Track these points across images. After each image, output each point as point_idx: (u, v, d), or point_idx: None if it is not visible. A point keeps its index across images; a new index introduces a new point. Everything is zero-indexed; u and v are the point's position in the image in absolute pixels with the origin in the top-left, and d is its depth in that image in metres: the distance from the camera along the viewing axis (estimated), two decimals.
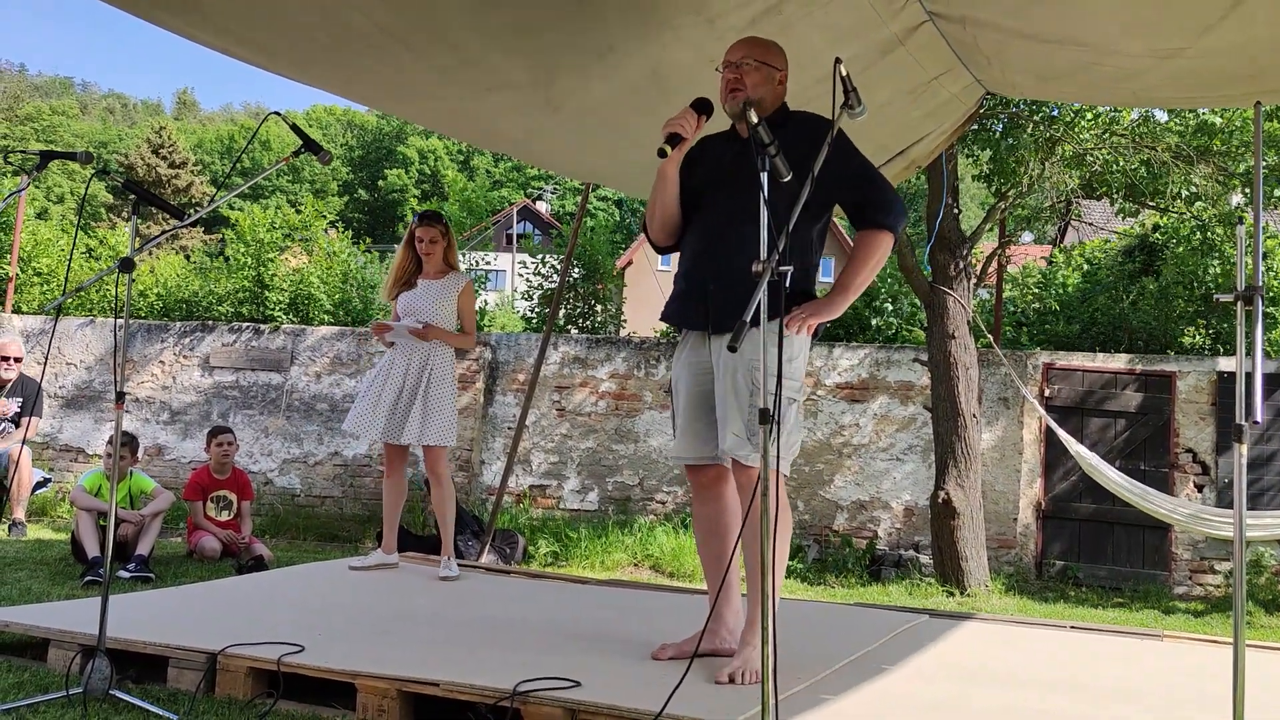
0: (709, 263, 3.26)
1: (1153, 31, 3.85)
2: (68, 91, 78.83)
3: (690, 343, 3.41)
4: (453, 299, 5.27)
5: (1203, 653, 4.17)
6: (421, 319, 5.16)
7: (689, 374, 3.38)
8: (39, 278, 10.82)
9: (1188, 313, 9.25)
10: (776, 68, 3.34)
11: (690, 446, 3.39)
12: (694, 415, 3.37)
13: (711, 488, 3.41)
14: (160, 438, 9.60)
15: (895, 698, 3.11)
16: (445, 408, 5.14)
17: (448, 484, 5.26)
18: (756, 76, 3.27)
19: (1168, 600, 7.65)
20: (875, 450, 8.63)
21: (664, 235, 3.44)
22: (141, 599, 4.40)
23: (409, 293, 5.28)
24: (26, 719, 2.82)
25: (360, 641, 3.55)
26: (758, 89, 3.26)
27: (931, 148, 5.68)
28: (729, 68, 3.29)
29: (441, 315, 5.23)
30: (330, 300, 10.53)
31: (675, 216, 3.40)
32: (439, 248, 5.29)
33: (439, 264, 5.32)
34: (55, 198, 45.97)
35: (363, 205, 54.57)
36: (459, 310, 5.30)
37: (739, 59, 3.29)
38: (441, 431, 5.10)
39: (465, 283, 5.33)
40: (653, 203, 3.39)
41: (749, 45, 3.33)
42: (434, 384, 5.12)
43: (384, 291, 5.49)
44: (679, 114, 3.14)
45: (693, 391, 3.37)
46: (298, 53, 3.75)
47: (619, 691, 2.91)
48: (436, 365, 5.16)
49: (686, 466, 3.48)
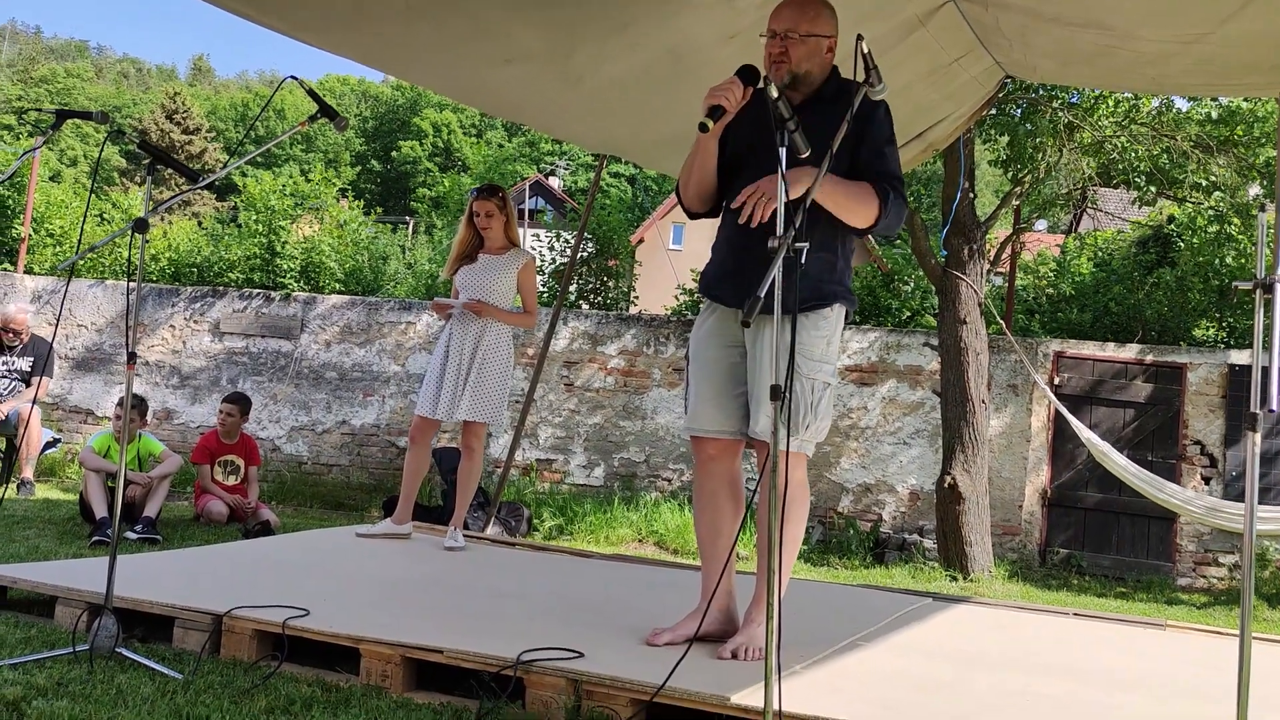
0: (751, 239, 3.01)
1: (1176, 16, 3.82)
2: (82, 54, 78.70)
3: (719, 315, 3.27)
4: (512, 275, 5.18)
5: (1206, 644, 4.17)
6: (478, 295, 5.10)
7: (715, 346, 3.26)
8: (51, 239, 10.84)
9: (1201, 305, 9.21)
10: (825, 35, 3.14)
11: (709, 419, 3.27)
12: (717, 389, 3.25)
13: (716, 461, 3.31)
14: (169, 402, 9.64)
15: (897, 677, 3.12)
16: (494, 386, 5.06)
17: (478, 460, 5.22)
18: (802, 50, 3.09)
19: (1171, 591, 7.65)
20: (882, 434, 8.63)
21: (699, 202, 3.31)
22: (148, 560, 4.42)
23: (469, 267, 5.19)
24: (34, 674, 2.84)
25: (365, 607, 3.57)
26: (803, 62, 3.10)
27: (950, 130, 5.65)
28: (774, 37, 3.10)
29: (499, 291, 5.14)
30: (342, 269, 10.53)
31: (711, 184, 3.26)
32: (496, 221, 5.18)
33: (500, 239, 5.22)
34: (68, 160, 46.02)
35: (375, 176, 54.48)
36: (520, 287, 5.20)
37: (784, 29, 3.09)
38: (486, 409, 5.04)
39: (526, 259, 5.23)
40: (687, 170, 3.25)
41: (796, 13, 3.11)
42: (487, 361, 5.05)
43: (445, 269, 5.40)
44: (723, 83, 2.90)
45: (720, 365, 3.25)
46: (317, 18, 3.74)
47: (622, 664, 2.92)
48: (490, 342, 5.08)
49: (693, 438, 3.36)
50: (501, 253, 5.22)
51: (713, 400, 3.26)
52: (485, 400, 5.05)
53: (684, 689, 2.70)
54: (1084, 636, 4.12)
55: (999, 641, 3.88)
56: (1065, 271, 10.57)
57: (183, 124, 41.82)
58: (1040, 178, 7.88)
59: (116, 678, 2.86)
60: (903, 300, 9.79)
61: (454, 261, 5.27)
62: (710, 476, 3.34)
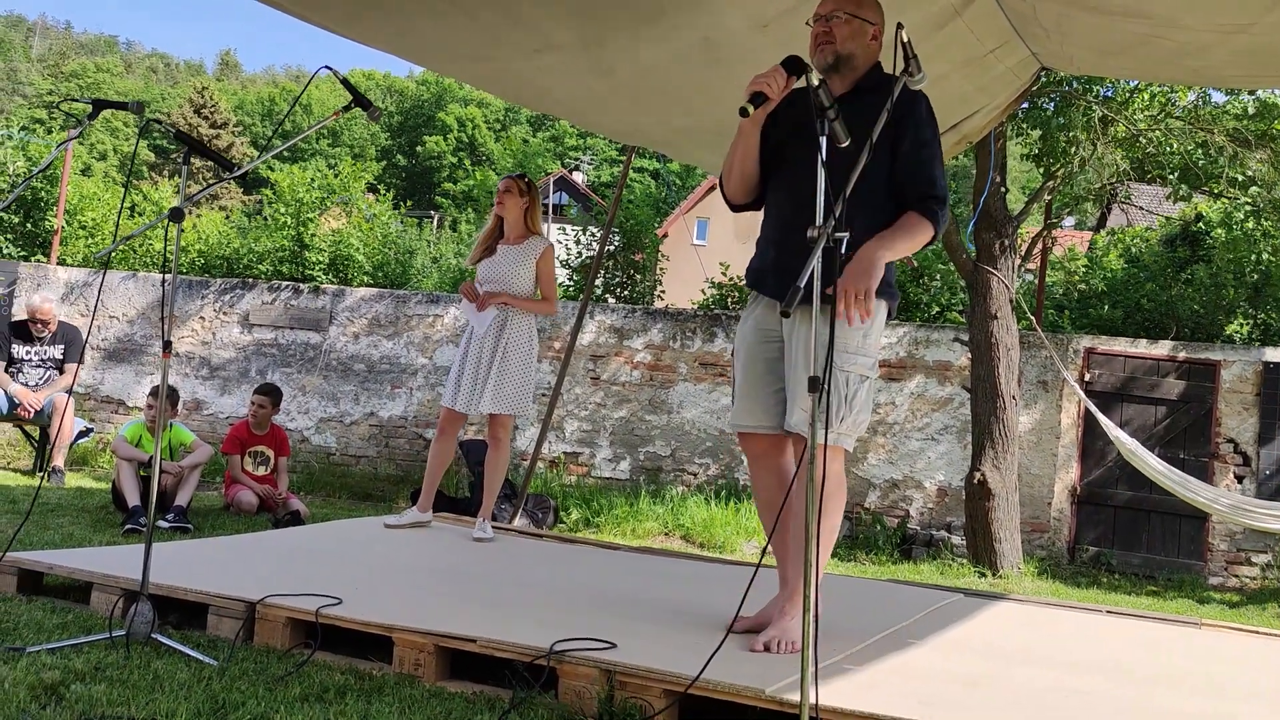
0: (793, 232, 3.00)
1: (1219, 4, 3.75)
2: (112, 49, 79.44)
3: (762, 307, 3.27)
4: (531, 264, 5.15)
5: (1243, 643, 4.12)
6: (498, 287, 5.09)
7: (754, 338, 3.26)
8: (84, 231, 10.94)
9: (1234, 301, 9.09)
10: (870, 21, 3.17)
11: (748, 414, 3.27)
12: (756, 383, 3.25)
13: (765, 458, 3.30)
14: (199, 392, 9.71)
15: (930, 673, 3.09)
16: (519, 377, 5.06)
17: (505, 451, 5.22)
18: (846, 30, 3.13)
19: (1202, 590, 7.57)
20: (910, 429, 8.57)
21: (741, 193, 3.31)
22: (181, 548, 4.45)
23: (489, 259, 5.18)
24: (71, 658, 2.86)
25: (396, 596, 3.57)
26: (847, 43, 3.13)
27: (984, 123, 5.59)
28: (819, 21, 3.14)
29: (519, 282, 5.12)
30: (370, 262, 10.57)
31: (754, 175, 3.26)
32: (514, 201, 5.17)
33: (519, 227, 5.21)
34: (98, 154, 46.45)
35: (400, 171, 54.68)
36: (539, 275, 5.17)
37: (829, 11, 3.14)
38: (513, 400, 5.04)
39: (545, 247, 5.20)
40: (730, 159, 3.24)
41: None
42: (510, 352, 5.05)
43: (469, 257, 5.39)
44: (767, 71, 2.87)
45: (757, 358, 3.25)
46: (350, 9, 3.74)
47: (655, 654, 2.91)
48: (514, 333, 5.07)
49: (739, 434, 3.37)
50: (519, 242, 5.20)
51: (753, 396, 3.26)
52: (510, 392, 5.04)
53: (719, 680, 2.68)
54: (1118, 634, 4.08)
55: (1033, 638, 3.84)
56: (1096, 267, 10.47)
57: (210, 118, 42.16)
58: (1073, 172, 7.79)
59: (153, 663, 2.87)
60: (932, 295, 9.72)
61: (478, 250, 5.28)
62: (763, 472, 3.34)
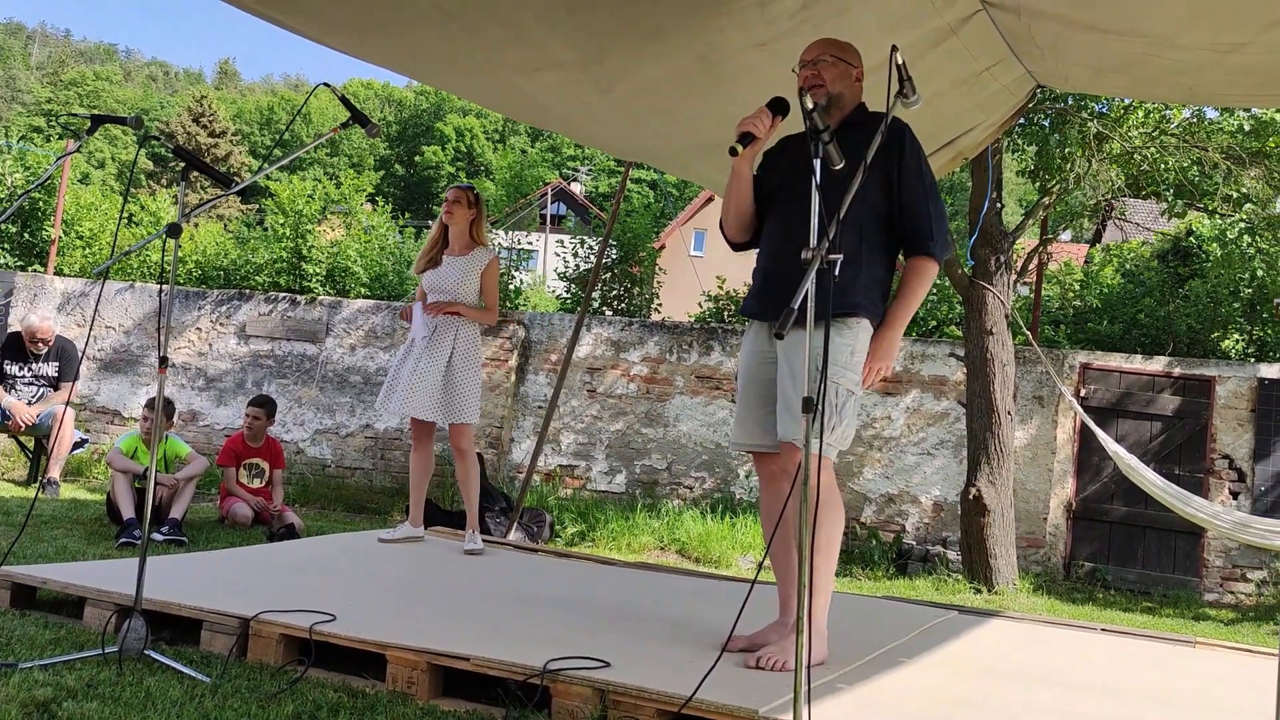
0: (785, 261, 3.20)
1: (1215, 24, 3.77)
2: (111, 58, 79.57)
3: (755, 330, 3.42)
4: (477, 275, 5.17)
5: (1237, 661, 4.12)
6: (445, 298, 5.13)
7: (752, 362, 3.40)
8: (81, 241, 10.93)
9: (1229, 317, 9.10)
10: (853, 64, 3.35)
11: (749, 434, 3.40)
12: (755, 403, 3.37)
13: (777, 478, 3.38)
14: (195, 404, 9.70)
15: (924, 692, 3.09)
16: (469, 386, 5.11)
17: (472, 460, 5.26)
18: (834, 72, 3.29)
19: (1198, 607, 7.56)
20: (906, 444, 8.58)
21: (739, 232, 3.48)
22: (175, 562, 4.44)
23: (434, 270, 5.20)
24: (63, 675, 2.85)
25: (391, 613, 3.57)
26: (836, 84, 3.29)
27: (980, 139, 5.62)
28: (806, 66, 3.30)
29: (465, 292, 5.15)
30: (367, 274, 10.58)
31: (749, 214, 3.43)
32: (462, 212, 5.18)
33: (464, 238, 5.22)
34: (96, 163, 46.47)
35: (399, 181, 54.75)
36: (483, 285, 5.20)
37: (815, 56, 3.31)
38: (465, 409, 5.09)
39: (491, 258, 5.23)
40: (727, 201, 3.42)
41: (824, 43, 3.36)
42: (458, 361, 5.10)
43: (414, 265, 5.45)
44: (753, 113, 3.11)
45: (755, 379, 3.38)
46: (352, 25, 3.75)
47: (649, 673, 2.91)
48: (461, 343, 5.12)
49: (753, 455, 3.49)
50: (465, 253, 5.22)
51: (753, 415, 3.39)
52: (466, 401, 5.09)
53: (712, 701, 2.68)
54: (1113, 653, 4.08)
55: (1028, 657, 3.84)
56: (1092, 283, 10.48)
57: (209, 127, 42.19)
58: (1069, 188, 7.82)
59: (145, 680, 2.87)
60: (928, 310, 9.73)
61: (422, 260, 5.30)
62: (772, 491, 3.42)
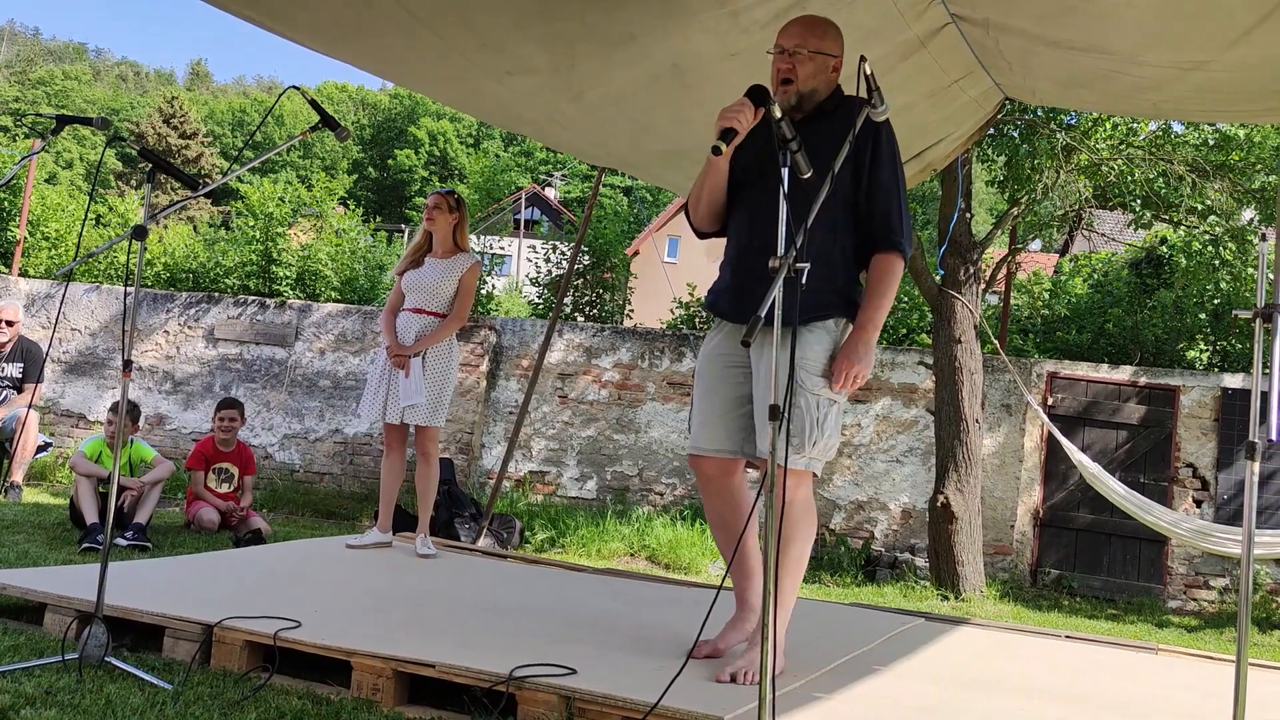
0: (753, 257, 3.08)
1: (1178, 43, 3.83)
2: (81, 57, 78.75)
3: (724, 333, 3.28)
4: (455, 279, 5.18)
5: (1198, 668, 4.16)
6: (421, 297, 5.15)
7: (718, 365, 3.25)
8: (46, 242, 10.81)
9: (1194, 328, 9.23)
10: (832, 54, 3.17)
11: (710, 439, 3.25)
12: (717, 408, 3.24)
13: (714, 480, 3.30)
14: (162, 407, 9.60)
15: (890, 700, 3.11)
16: (440, 390, 5.12)
17: (434, 465, 5.27)
18: (810, 67, 3.12)
19: (1161, 614, 7.65)
20: (875, 451, 8.63)
21: (709, 222, 3.33)
22: (138, 567, 4.39)
23: (415, 271, 5.22)
24: (22, 682, 2.82)
25: (356, 619, 3.54)
26: (809, 80, 3.13)
27: (949, 151, 5.67)
28: (782, 54, 3.14)
29: (441, 294, 5.16)
30: (338, 278, 10.52)
31: (721, 205, 3.29)
32: (443, 216, 5.20)
33: (447, 243, 5.24)
34: (64, 163, 45.96)
35: (372, 184, 54.50)
36: (459, 288, 5.20)
37: (793, 46, 3.13)
38: (434, 413, 5.10)
39: (471, 263, 5.25)
40: (698, 190, 3.27)
41: (805, 30, 3.15)
42: (430, 364, 5.10)
43: (396, 268, 5.45)
44: (734, 105, 2.84)
45: (718, 383, 3.24)
46: (322, 25, 3.74)
47: (615, 681, 2.90)
48: (436, 350, 5.13)
49: (691, 456, 3.35)
50: (448, 257, 5.23)
51: (712, 419, 3.26)
52: (435, 405, 5.10)
53: (677, 708, 2.68)
54: (1077, 660, 4.11)
55: (993, 664, 3.87)
56: (1060, 292, 10.60)
57: (180, 128, 41.80)
58: (1037, 199, 7.91)
59: (106, 687, 2.83)
60: (897, 318, 9.80)
61: (405, 262, 5.32)
62: (712, 496, 3.35)
